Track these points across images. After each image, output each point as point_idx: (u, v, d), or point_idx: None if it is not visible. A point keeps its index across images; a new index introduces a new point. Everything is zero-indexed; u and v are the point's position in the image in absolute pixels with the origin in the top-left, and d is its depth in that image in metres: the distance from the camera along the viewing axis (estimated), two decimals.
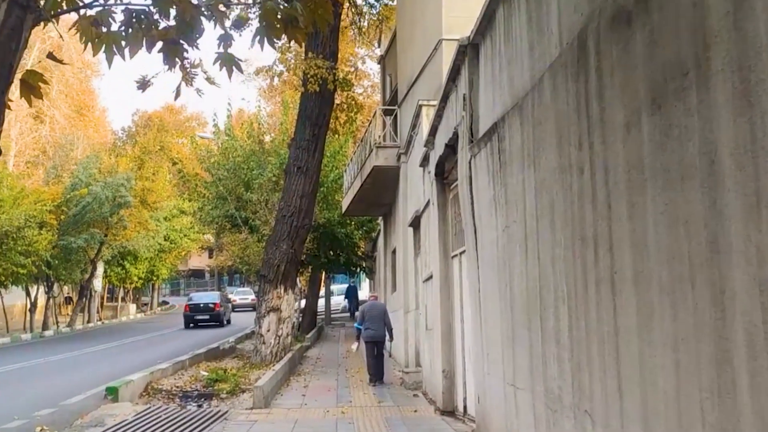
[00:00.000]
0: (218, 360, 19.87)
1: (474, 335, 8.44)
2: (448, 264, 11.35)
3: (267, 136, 31.42)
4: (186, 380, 15.10)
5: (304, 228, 18.72)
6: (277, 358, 17.89)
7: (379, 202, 21.97)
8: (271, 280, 18.34)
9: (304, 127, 18.59)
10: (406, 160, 17.18)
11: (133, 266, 47.84)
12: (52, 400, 12.26)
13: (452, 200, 11.34)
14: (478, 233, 7.91)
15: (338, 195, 28.74)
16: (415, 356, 15.49)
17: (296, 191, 18.42)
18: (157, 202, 41.17)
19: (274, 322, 18.32)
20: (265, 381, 12.51)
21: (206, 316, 36.78)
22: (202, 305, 37.11)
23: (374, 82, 38.98)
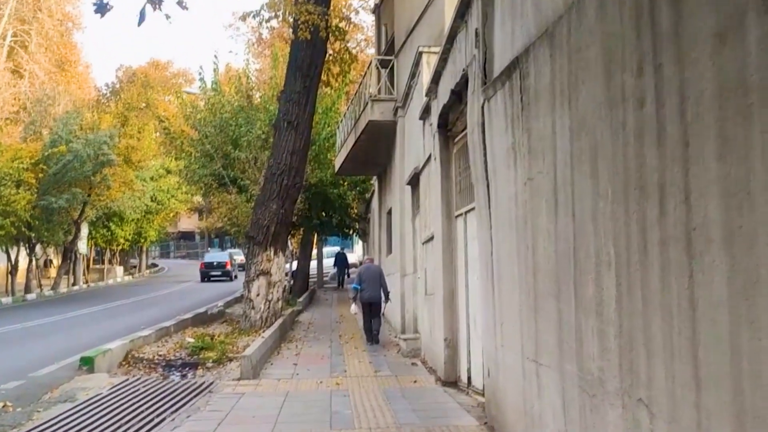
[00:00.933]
0: (206, 325, 19.04)
1: (485, 303, 7.55)
2: (452, 224, 10.45)
3: (256, 92, 30.21)
4: (170, 348, 14.24)
5: (294, 187, 17.72)
6: (267, 324, 17.04)
7: (374, 161, 21.00)
8: (260, 242, 17.39)
9: (294, 79, 17.48)
10: (403, 114, 16.18)
11: (119, 228, 46.85)
12: (22, 371, 11.36)
13: (456, 155, 10.40)
14: (491, 188, 6.98)
15: (331, 154, 27.75)
16: (413, 322, 14.67)
17: (286, 147, 17.39)
18: (143, 161, 39.99)
19: (264, 286, 17.41)
20: (253, 350, 11.66)
21: (218, 272, 43.52)
22: (215, 263, 44.36)
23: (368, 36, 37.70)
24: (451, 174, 10.50)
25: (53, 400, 9.12)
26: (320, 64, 18.01)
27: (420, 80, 13.22)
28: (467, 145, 9.69)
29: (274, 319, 17.32)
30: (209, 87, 29.15)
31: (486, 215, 7.20)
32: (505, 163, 6.40)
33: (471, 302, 9.52)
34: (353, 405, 8.90)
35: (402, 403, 8.97)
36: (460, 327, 10.07)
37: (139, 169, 41.02)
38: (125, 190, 40.84)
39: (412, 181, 14.45)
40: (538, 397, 5.57)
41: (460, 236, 10.12)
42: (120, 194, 40.44)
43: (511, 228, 6.24)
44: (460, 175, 10.17)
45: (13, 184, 29.55)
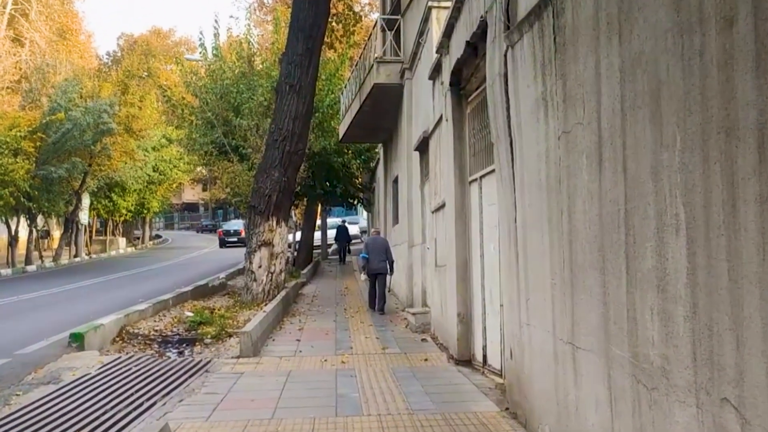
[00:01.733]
0: (206, 298, 18.36)
1: (506, 275, 6.78)
2: (465, 190, 9.65)
3: (258, 57, 29.27)
4: (167, 323, 13.54)
5: (297, 154, 16.92)
6: (269, 297, 16.36)
7: (379, 127, 20.17)
8: (262, 212, 16.64)
9: (296, 40, 16.60)
10: (411, 76, 15.32)
11: (121, 198, 46.16)
12: (8, 348, 10.66)
13: (470, 115, 9.58)
14: (515, 147, 6.18)
15: (334, 122, 26.89)
16: (422, 295, 13.94)
17: (288, 112, 16.56)
18: (144, 130, 39.13)
19: (266, 258, 16.69)
20: (254, 325, 10.93)
21: (234, 239, 49.00)
22: (232, 231, 51.00)
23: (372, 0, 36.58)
24: (465, 136, 9.69)
25: (36, 382, 8.42)
26: (323, 25, 17.14)
27: (429, 38, 12.36)
28: (482, 104, 8.89)
29: (277, 292, 16.64)
30: (210, 53, 28.25)
31: (508, 177, 6.41)
32: (533, 116, 5.60)
33: (487, 274, 8.77)
34: (360, 387, 8.18)
35: (413, 385, 8.25)
36: (475, 301, 9.33)
37: (141, 139, 40.18)
38: (126, 160, 40.10)
39: (420, 147, 13.63)
40: (575, 384, 4.82)
41: (474, 203, 9.34)
42: (121, 164, 39.71)
43: (540, 190, 5.45)
44: (474, 137, 9.36)
45: (11, 153, 28.76)
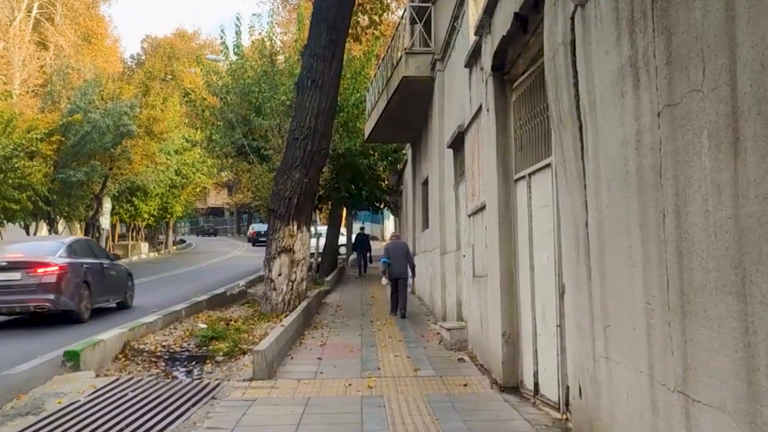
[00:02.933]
0: (224, 308, 17.24)
1: (574, 293, 5.47)
2: (510, 189, 8.38)
3: (281, 56, 28.21)
4: (178, 337, 12.41)
5: (320, 153, 15.72)
6: (289, 307, 15.17)
7: (407, 125, 18.93)
8: (281, 216, 15.46)
9: (319, 31, 15.42)
10: (442, 67, 14.08)
11: (143, 203, 45.29)
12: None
13: (516, 103, 8.31)
14: (586, 132, 4.89)
15: (360, 122, 25.71)
16: (456, 308, 12.65)
17: (310, 109, 15.37)
18: (165, 133, 38.20)
19: (287, 265, 15.50)
20: (269, 343, 9.71)
21: (264, 239, 55.49)
22: (263, 232, 49.08)
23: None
24: (509, 127, 8.42)
25: (13, 413, 7.25)
26: (348, 15, 15.95)
27: (465, 21, 11.11)
28: (531, 89, 7.64)
29: (298, 302, 15.44)
30: (231, 52, 27.22)
31: (576, 171, 5.12)
32: (614, 90, 4.32)
33: (538, 288, 7.49)
34: (390, 421, 6.91)
35: (453, 419, 6.96)
36: (523, 319, 8.05)
37: (162, 142, 39.28)
38: (148, 164, 39.27)
39: (454, 143, 12.37)
40: None
41: (521, 204, 8.07)
42: (143, 167, 38.87)
43: (627, 185, 4.17)
44: (521, 129, 8.09)
45: (27, 156, 27.91)
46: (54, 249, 15.37)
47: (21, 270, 14.22)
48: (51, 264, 14.49)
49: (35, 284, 14.13)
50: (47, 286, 14.12)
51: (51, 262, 14.52)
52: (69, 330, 13.35)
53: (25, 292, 14.09)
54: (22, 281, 14.12)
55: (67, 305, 14.44)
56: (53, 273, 14.32)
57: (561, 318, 6.72)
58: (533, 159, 7.59)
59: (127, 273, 18.39)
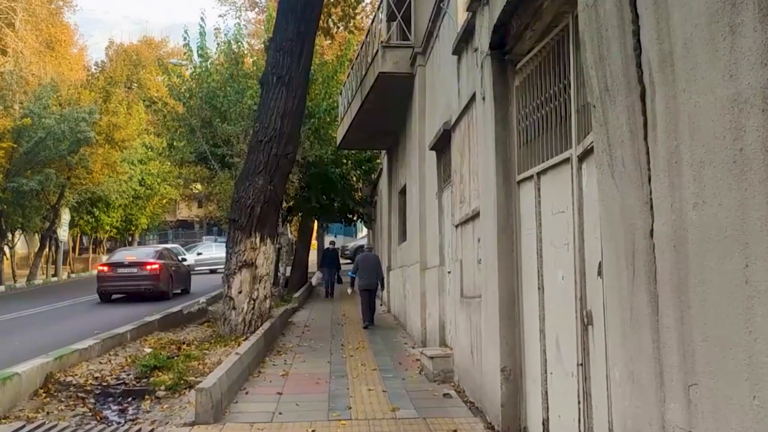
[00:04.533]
0: (179, 329, 15.59)
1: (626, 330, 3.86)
2: (511, 193, 6.89)
3: (249, 59, 26.59)
4: (117, 365, 10.76)
5: (286, 157, 14.14)
6: (251, 328, 13.56)
7: (383, 129, 17.44)
8: (243, 226, 13.85)
9: (286, 23, 13.89)
10: (424, 62, 12.62)
11: (104, 214, 43.25)
12: None
13: (520, 88, 6.83)
14: (655, 100, 3.37)
15: (332, 129, 24.17)
16: (439, 331, 11.11)
17: (276, 108, 13.81)
18: (127, 141, 36.32)
19: (248, 282, 13.88)
20: (216, 378, 8.08)
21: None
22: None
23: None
24: (511, 118, 6.93)
25: None
26: (318, 5, 14.47)
27: (452, 3, 9.65)
28: (540, 70, 6.21)
29: (260, 322, 13.83)
30: (195, 54, 25.51)
31: (633, 157, 3.59)
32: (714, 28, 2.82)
33: (551, 314, 5.99)
34: None
35: None
36: (529, 351, 6.54)
37: (124, 150, 37.38)
38: (109, 173, 37.36)
39: (438, 144, 10.86)
40: None
41: (526, 210, 6.58)
42: (104, 177, 36.96)
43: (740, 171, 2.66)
44: (526, 119, 6.60)
45: None
46: (152, 253, 24.72)
47: (137, 266, 23.17)
48: (154, 263, 23.27)
49: (145, 275, 22.88)
50: (152, 277, 22.90)
51: (154, 261, 23.36)
52: (162, 303, 20.59)
53: (139, 279, 22.85)
54: (138, 273, 22.94)
55: (162, 288, 22.99)
56: (155, 269, 23.06)
57: (584, 355, 5.23)
58: (544, 154, 6.11)
59: (188, 271, 27.07)
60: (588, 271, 5.20)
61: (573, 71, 5.37)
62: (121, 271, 23.07)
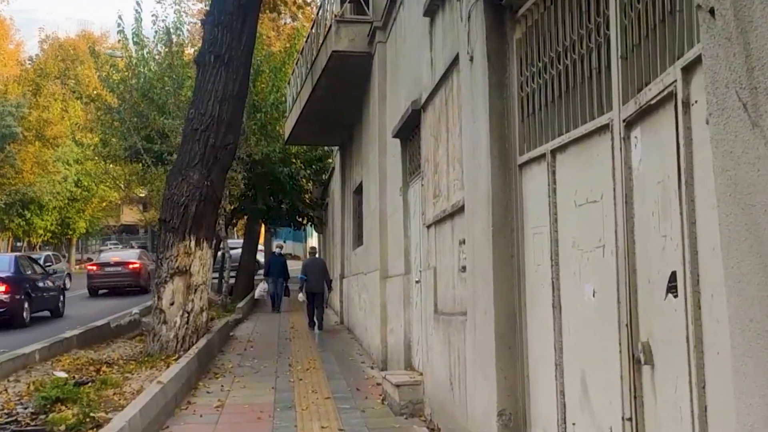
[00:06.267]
0: (104, 344, 13.63)
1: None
2: (510, 180, 5.26)
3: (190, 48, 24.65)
4: (14, 395, 8.85)
5: (225, 149, 12.35)
6: (184, 346, 11.76)
7: (336, 121, 15.75)
8: (175, 228, 12.00)
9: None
10: (384, 37, 10.98)
11: (37, 217, 40.58)
12: None
13: (522, 41, 5.20)
14: None
15: (280, 125, 22.36)
16: (404, 351, 9.40)
17: (213, 92, 12.02)
18: (59, 138, 33.90)
19: (181, 292, 12.04)
20: (127, 418, 6.28)
21: None
22: None
23: None
24: (509, 82, 5.30)
25: None
26: None
27: None
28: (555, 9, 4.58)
29: (196, 338, 12.01)
30: (131, 41, 23.43)
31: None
32: None
33: (573, 343, 4.39)
34: None
35: None
36: (538, 391, 4.90)
37: (56, 148, 34.94)
38: (41, 173, 34.93)
39: (404, 129, 9.19)
40: None
41: (533, 201, 4.97)
42: (34, 177, 34.52)
43: None
44: (532, 81, 4.98)
45: None
46: (133, 255, 28.91)
47: (121, 266, 27.35)
48: (135, 263, 27.53)
49: (128, 273, 27.13)
50: (134, 275, 27.18)
51: (135, 261, 27.61)
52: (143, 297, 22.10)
53: (122, 277, 27.15)
54: (122, 271, 27.17)
55: (142, 284, 26.57)
56: (136, 268, 27.34)
57: (636, 405, 3.62)
58: (562, 125, 4.50)
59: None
60: (642, 285, 3.60)
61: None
62: (108, 269, 27.16)
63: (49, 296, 19.34)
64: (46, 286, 19.44)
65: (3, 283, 16.67)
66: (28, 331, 16.05)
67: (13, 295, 16.76)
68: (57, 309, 19.69)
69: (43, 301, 18.99)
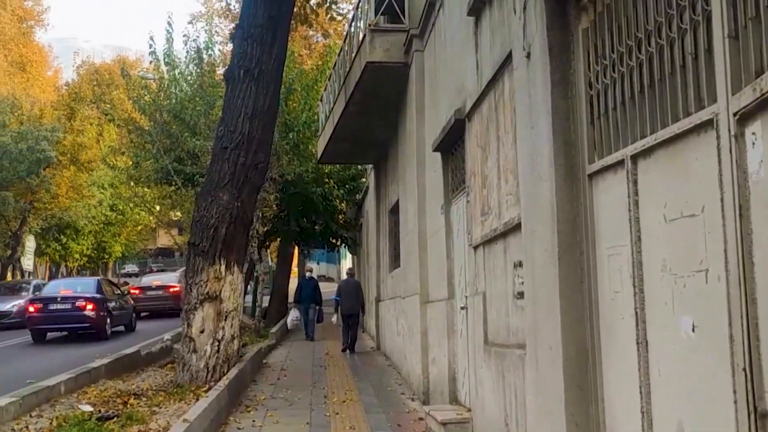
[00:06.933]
0: (133, 374, 13.05)
1: None
2: (578, 193, 4.54)
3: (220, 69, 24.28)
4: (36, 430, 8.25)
5: (256, 168, 11.74)
6: (215, 375, 11.11)
7: (370, 138, 15.11)
8: (205, 251, 11.40)
9: (254, 6, 11.57)
10: (422, 45, 10.34)
11: (73, 241, 40.57)
12: None
13: (589, 32, 4.50)
14: None
15: (312, 145, 21.81)
16: (449, 384, 8.62)
17: (243, 107, 11.44)
18: (93, 162, 33.80)
19: (211, 318, 11.41)
20: None
21: None
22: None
23: None
24: (575, 78, 4.60)
25: None
26: None
27: None
28: None
29: (227, 368, 11.36)
30: (162, 62, 23.15)
31: None
32: None
33: (660, 385, 3.64)
34: None
35: None
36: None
37: (90, 172, 34.85)
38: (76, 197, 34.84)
39: (446, 142, 8.47)
40: None
41: (608, 217, 4.25)
42: (70, 202, 34.43)
43: None
44: (604, 75, 4.27)
45: None
46: (173, 278, 28.36)
47: (162, 289, 27.88)
48: (175, 286, 26.90)
49: (169, 296, 27.12)
50: (174, 298, 25.80)
51: (175, 285, 26.82)
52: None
53: (163, 300, 27.40)
54: (163, 294, 27.56)
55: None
56: (177, 291, 25.77)
57: None
58: (647, 125, 3.78)
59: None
60: (766, 319, 2.85)
61: None
62: (149, 293, 27.55)
63: (124, 313, 22.38)
64: (122, 305, 22.43)
65: (90, 302, 19.82)
66: (108, 343, 18.67)
67: (97, 312, 19.90)
68: (130, 324, 22.81)
69: (120, 318, 21.88)
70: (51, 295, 20.45)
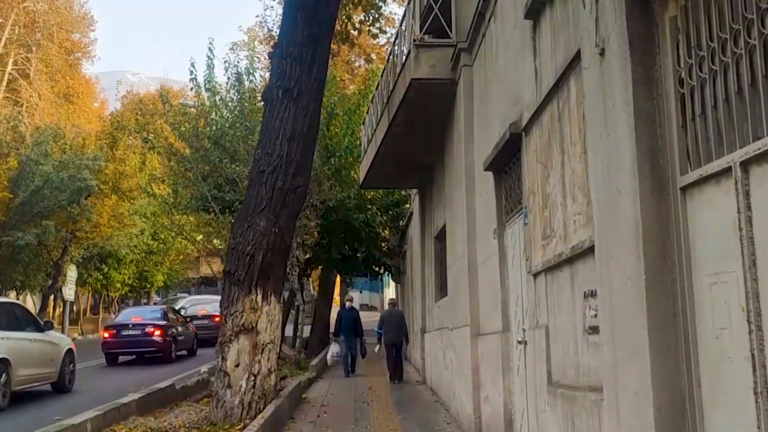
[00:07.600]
0: (166, 409, 12.41)
1: None
2: (669, 210, 3.81)
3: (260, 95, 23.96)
4: None
5: (295, 192, 11.15)
6: (251, 413, 10.47)
7: (415, 161, 14.48)
8: (240, 280, 10.80)
9: (294, 24, 11.06)
10: (471, 60, 9.68)
11: (115, 270, 40.49)
12: None
13: (675, 23, 3.80)
14: None
15: (355, 171, 21.31)
16: (505, 426, 7.82)
17: (282, 129, 10.89)
18: (135, 191, 33.73)
19: (247, 352, 10.78)
20: None
21: None
22: None
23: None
24: (662, 76, 3.90)
25: None
26: (334, 3, 11.65)
27: None
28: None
29: (263, 404, 10.69)
30: (203, 88, 22.91)
31: None
32: None
33: None
34: None
35: None
36: None
37: (131, 201, 34.78)
38: (118, 226, 34.76)
39: (499, 160, 7.77)
40: None
41: (709, 238, 3.52)
42: (111, 231, 34.34)
43: None
44: (700, 70, 3.56)
45: None
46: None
47: (208, 319, 27.23)
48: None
49: (215, 326, 21.50)
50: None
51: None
52: None
53: (210, 329, 24.73)
54: (209, 324, 26.00)
55: None
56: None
57: None
58: (766, 123, 3.06)
59: None
60: None
61: None
62: (196, 323, 26.65)
63: (187, 339, 24.11)
64: (185, 331, 24.05)
65: (158, 329, 21.63)
66: (174, 366, 20.00)
67: (164, 338, 21.67)
68: (192, 349, 24.45)
69: (183, 343, 23.63)
70: (123, 322, 22.20)
